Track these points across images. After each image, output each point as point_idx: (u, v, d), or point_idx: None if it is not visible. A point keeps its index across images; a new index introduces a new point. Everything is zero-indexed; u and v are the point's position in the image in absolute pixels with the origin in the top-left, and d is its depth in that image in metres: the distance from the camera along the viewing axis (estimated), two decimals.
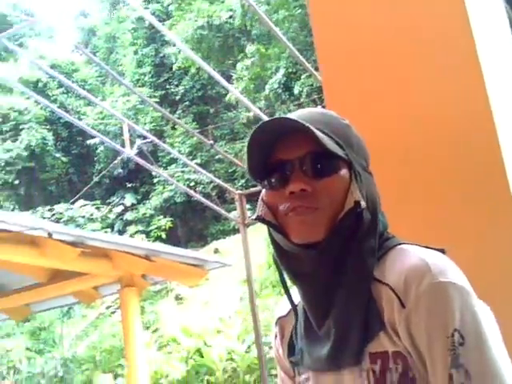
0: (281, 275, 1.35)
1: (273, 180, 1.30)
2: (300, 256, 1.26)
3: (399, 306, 1.18)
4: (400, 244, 1.28)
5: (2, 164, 25.63)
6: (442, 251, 1.25)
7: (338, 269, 1.25)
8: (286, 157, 1.27)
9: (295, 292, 1.35)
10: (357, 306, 1.23)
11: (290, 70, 20.85)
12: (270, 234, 1.32)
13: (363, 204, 1.23)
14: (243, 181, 23.28)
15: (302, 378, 1.37)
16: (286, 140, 1.27)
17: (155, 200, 24.93)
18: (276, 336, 1.46)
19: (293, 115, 1.30)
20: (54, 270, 8.00)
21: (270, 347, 12.62)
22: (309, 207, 1.24)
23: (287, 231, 1.26)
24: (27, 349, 16.18)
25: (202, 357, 12.49)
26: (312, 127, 1.22)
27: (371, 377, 1.21)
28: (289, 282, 1.35)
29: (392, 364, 1.19)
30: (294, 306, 1.38)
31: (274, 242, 1.31)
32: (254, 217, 1.33)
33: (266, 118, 9.14)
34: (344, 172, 1.26)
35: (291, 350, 1.40)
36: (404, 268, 1.20)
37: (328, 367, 1.27)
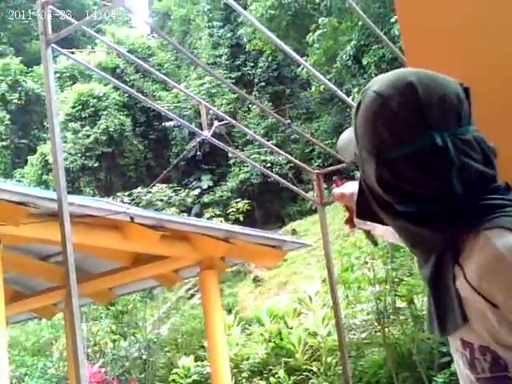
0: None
1: None
2: None
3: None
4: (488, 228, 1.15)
5: (83, 150, 26.25)
6: None
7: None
8: None
9: None
10: (442, 294, 1.21)
11: (362, 43, 20.52)
12: None
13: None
14: (319, 161, 23.11)
15: None
16: None
17: (231, 182, 25.06)
18: None
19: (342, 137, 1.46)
20: (136, 254, 8.14)
21: (350, 330, 12.53)
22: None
23: None
24: (112, 332, 16.53)
25: (282, 339, 12.49)
26: (344, 156, 1.42)
27: (465, 360, 1.22)
28: None
29: (479, 355, 1.17)
30: None
31: None
32: None
33: (337, 90, 8.89)
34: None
35: None
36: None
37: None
